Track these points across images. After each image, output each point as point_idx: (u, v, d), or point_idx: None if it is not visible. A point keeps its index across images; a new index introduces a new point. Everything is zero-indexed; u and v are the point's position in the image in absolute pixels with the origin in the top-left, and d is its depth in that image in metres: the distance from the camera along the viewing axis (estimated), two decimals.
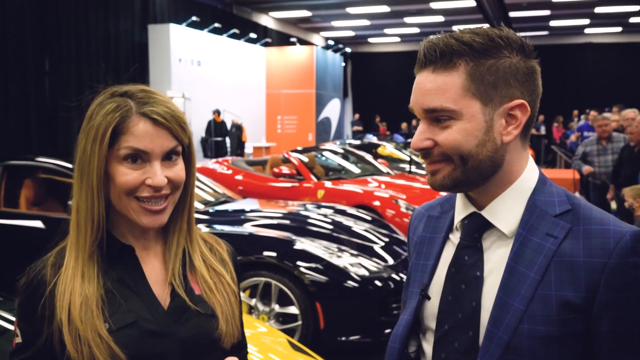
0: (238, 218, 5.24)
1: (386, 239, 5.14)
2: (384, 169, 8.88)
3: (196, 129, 14.91)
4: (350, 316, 4.34)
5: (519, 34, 1.17)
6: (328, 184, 7.78)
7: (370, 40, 27.35)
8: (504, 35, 1.14)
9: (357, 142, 12.53)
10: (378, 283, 4.36)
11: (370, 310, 4.33)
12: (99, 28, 13.08)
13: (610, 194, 7.05)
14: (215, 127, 15.24)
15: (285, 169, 8.00)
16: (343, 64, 24.64)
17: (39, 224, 5.00)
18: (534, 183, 1.19)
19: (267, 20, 21.30)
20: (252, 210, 5.55)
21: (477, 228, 1.20)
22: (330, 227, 5.14)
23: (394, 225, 6.19)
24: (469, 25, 1.19)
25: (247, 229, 4.95)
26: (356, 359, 4.52)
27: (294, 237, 4.66)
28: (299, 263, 4.36)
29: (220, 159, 9.40)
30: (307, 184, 7.84)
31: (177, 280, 1.29)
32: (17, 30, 10.83)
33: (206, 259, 1.36)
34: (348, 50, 26.14)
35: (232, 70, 17.20)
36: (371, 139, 16.48)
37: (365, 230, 5.23)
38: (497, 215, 1.18)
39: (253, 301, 4.44)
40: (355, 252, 4.65)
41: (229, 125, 15.76)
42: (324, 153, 9.42)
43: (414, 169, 9.89)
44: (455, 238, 1.25)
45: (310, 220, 5.28)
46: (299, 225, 5.14)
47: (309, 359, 2.97)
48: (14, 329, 1.26)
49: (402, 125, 23.28)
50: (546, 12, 20.07)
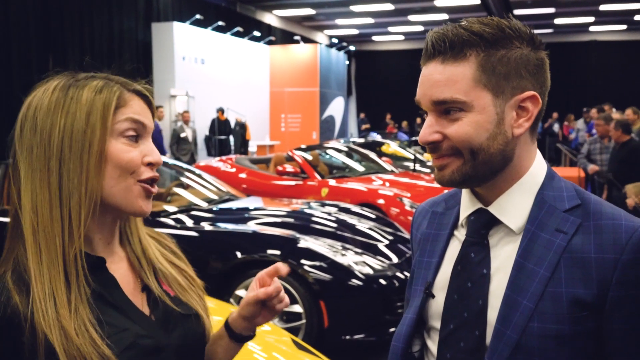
0: (242, 216, 5.22)
1: (390, 237, 5.11)
2: (388, 167, 8.86)
3: (200, 127, 14.90)
4: (355, 315, 4.32)
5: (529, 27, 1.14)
6: (332, 182, 7.76)
7: (374, 38, 27.33)
8: (513, 26, 1.11)
9: (361, 141, 12.51)
10: (382, 281, 4.34)
11: (374, 309, 4.30)
12: (103, 26, 13.10)
13: (627, 190, 7.02)
14: (219, 126, 15.23)
15: (289, 167, 7.99)
16: (347, 62, 24.61)
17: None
18: (542, 178, 1.15)
19: (271, 18, 21.29)
20: (256, 209, 5.53)
21: (484, 224, 1.17)
22: (334, 226, 5.11)
23: (399, 223, 6.17)
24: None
25: (251, 227, 4.93)
26: (360, 357, 4.51)
27: (298, 236, 4.64)
28: (303, 261, 4.34)
29: (224, 157, 9.40)
30: (311, 182, 7.82)
31: (153, 285, 1.19)
32: (21, 29, 10.85)
33: (165, 255, 1.27)
34: (352, 48, 26.16)
35: (236, 69, 17.19)
36: (375, 137, 16.46)
37: (370, 229, 5.21)
38: (505, 211, 1.14)
39: None
40: (359, 251, 4.62)
41: (232, 124, 15.75)
42: (328, 151, 9.40)
43: (418, 167, 9.87)
44: (460, 235, 1.22)
45: (314, 219, 5.26)
46: (303, 223, 5.13)
47: (313, 357, 2.94)
48: None
49: (403, 123, 23.26)
50: (551, 10, 20.02)
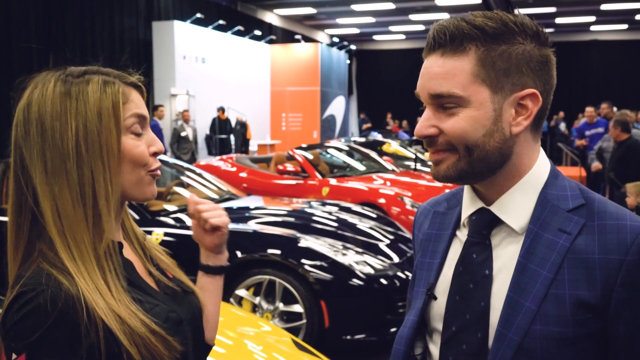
0: (242, 215, 5.20)
1: (391, 237, 5.10)
2: (389, 167, 8.85)
3: (200, 126, 14.88)
4: (356, 315, 4.30)
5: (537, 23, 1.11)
6: (333, 182, 7.74)
7: (375, 37, 27.31)
8: (518, 21, 1.08)
9: (362, 140, 12.50)
10: (383, 281, 4.32)
11: (375, 309, 4.29)
12: (104, 25, 13.09)
13: (628, 188, 7.01)
14: (220, 125, 15.22)
15: (289, 167, 7.98)
16: (348, 62, 24.60)
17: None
18: (545, 177, 1.13)
19: (272, 17, 21.28)
20: (257, 208, 5.51)
21: (486, 224, 1.14)
22: (335, 225, 5.10)
23: (400, 222, 6.15)
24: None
25: (252, 226, 4.91)
26: (361, 358, 4.49)
27: (299, 235, 4.62)
28: (303, 261, 4.32)
29: (224, 157, 9.39)
30: (312, 182, 7.80)
31: (154, 268, 1.28)
32: (22, 27, 10.85)
33: (148, 240, 1.34)
34: (353, 47, 26.14)
35: (237, 68, 17.18)
36: (376, 136, 16.45)
37: (371, 228, 5.19)
38: (507, 211, 1.12)
39: (257, 299, 4.41)
40: (360, 250, 4.61)
41: (233, 123, 15.74)
42: (329, 150, 9.39)
43: (419, 166, 9.86)
44: (462, 235, 1.20)
45: (314, 218, 5.24)
46: (304, 222, 5.11)
47: (313, 358, 2.93)
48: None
49: (404, 123, 23.23)
50: (552, 9, 20.00)
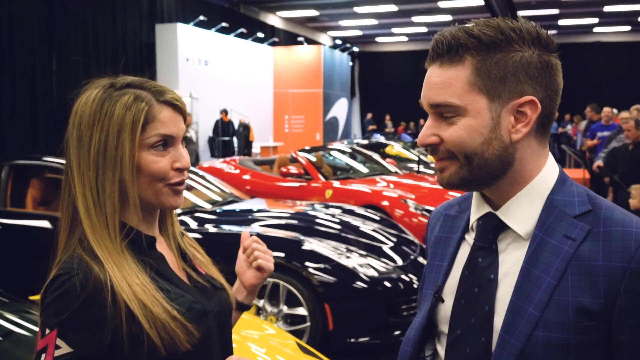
0: (245, 218, 5.21)
1: (395, 239, 5.09)
2: (392, 169, 8.84)
3: (203, 128, 14.90)
4: (359, 317, 4.30)
5: (542, 28, 1.10)
6: (336, 184, 7.74)
7: (377, 39, 27.30)
8: (517, 28, 1.08)
9: (365, 142, 12.49)
10: (387, 284, 4.32)
11: (379, 312, 4.28)
12: (107, 27, 13.11)
13: (610, 196, 6.97)
14: (223, 127, 15.24)
15: (293, 169, 7.97)
16: (350, 64, 24.61)
17: (45, 223, 4.98)
18: (552, 182, 1.13)
19: (275, 19, 21.29)
20: (260, 210, 5.52)
21: (492, 229, 1.15)
22: (339, 227, 5.10)
23: (403, 225, 6.15)
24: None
25: (255, 229, 4.92)
26: None
27: (302, 238, 4.62)
28: (307, 263, 4.32)
29: (227, 159, 9.39)
30: (315, 184, 7.80)
31: (187, 262, 1.39)
32: (25, 29, 10.86)
33: (187, 239, 1.46)
34: (355, 49, 26.13)
35: (240, 70, 17.19)
36: (379, 138, 16.44)
37: (374, 231, 5.19)
38: (512, 216, 1.12)
39: (261, 302, 4.41)
40: (364, 253, 4.61)
41: (236, 125, 15.76)
42: (332, 153, 9.38)
43: (422, 168, 9.85)
44: (470, 239, 1.21)
45: (318, 220, 5.24)
46: (307, 225, 5.11)
47: None
48: (50, 340, 1.13)
49: (411, 124, 23.24)
50: (555, 11, 19.98)
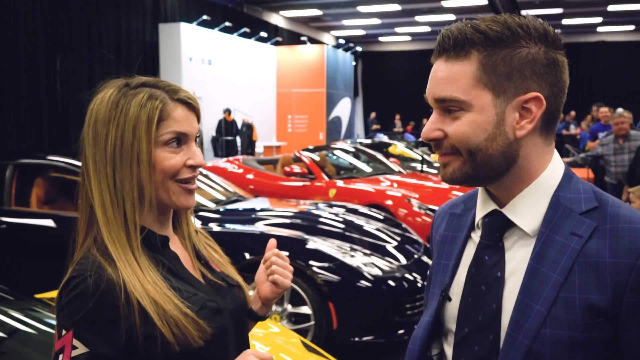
0: (249, 217, 5.21)
1: (399, 238, 5.10)
2: (396, 168, 8.84)
3: (207, 128, 14.92)
4: (364, 316, 4.30)
5: (549, 25, 1.11)
6: (340, 183, 7.74)
7: (381, 39, 27.30)
8: (524, 24, 1.08)
9: (369, 141, 12.50)
10: (391, 283, 4.32)
11: (383, 311, 4.29)
12: (110, 27, 13.13)
13: (624, 195, 6.96)
14: (226, 126, 15.25)
15: (296, 168, 7.97)
16: (354, 63, 24.60)
17: (50, 222, 4.99)
18: (558, 179, 1.13)
19: (278, 19, 21.30)
20: (263, 209, 5.52)
21: (498, 226, 1.15)
22: (342, 227, 5.10)
23: (407, 224, 6.15)
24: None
25: (259, 228, 4.93)
26: (369, 359, 4.49)
27: (306, 237, 4.63)
28: (311, 262, 4.33)
29: (231, 158, 9.39)
30: (319, 183, 7.81)
31: (202, 261, 1.40)
32: (29, 29, 10.89)
33: (203, 239, 1.48)
34: (359, 49, 26.13)
35: (243, 69, 17.20)
36: (382, 137, 16.44)
37: (378, 230, 5.19)
38: (519, 213, 1.12)
39: None
40: (368, 252, 4.61)
41: (239, 125, 15.77)
42: (335, 152, 9.38)
43: (425, 168, 9.85)
44: (476, 237, 1.20)
45: (321, 220, 5.24)
46: (311, 224, 5.11)
47: (322, 359, 2.94)
48: (67, 341, 1.15)
49: (408, 126, 23.22)
50: (558, 10, 19.95)
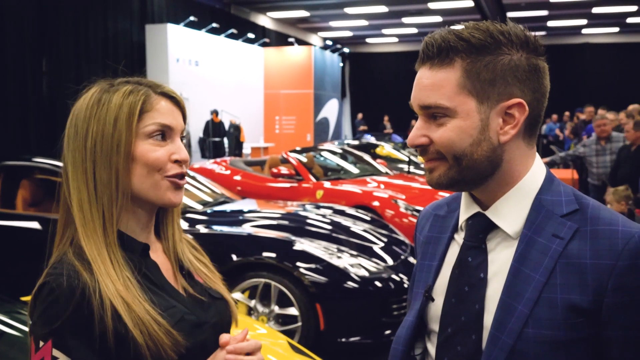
0: (237, 218, 5.21)
1: (385, 240, 5.12)
2: (383, 169, 8.87)
3: (194, 129, 14.88)
4: (351, 317, 4.32)
5: (530, 32, 1.13)
6: (327, 184, 7.75)
7: (368, 40, 27.34)
8: (505, 31, 1.10)
9: (356, 143, 12.52)
10: (378, 284, 4.34)
11: (370, 311, 4.31)
12: (97, 28, 13.07)
13: (607, 196, 7.02)
14: (213, 128, 15.22)
15: (284, 169, 7.98)
16: (341, 64, 24.63)
17: (35, 225, 4.97)
18: (540, 182, 1.15)
19: (265, 20, 21.29)
20: (251, 211, 5.52)
21: (482, 228, 1.17)
22: (330, 228, 5.11)
23: (394, 225, 6.17)
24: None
25: (246, 229, 4.93)
26: None
27: (294, 238, 4.63)
28: (298, 264, 4.34)
29: (218, 160, 9.37)
30: (306, 184, 7.81)
31: (184, 272, 1.33)
32: (16, 31, 10.82)
33: (190, 250, 1.40)
34: (346, 50, 26.14)
35: (230, 71, 17.18)
36: (369, 139, 16.47)
37: (365, 231, 5.21)
38: (501, 216, 1.15)
39: (252, 302, 4.42)
40: (354, 253, 4.62)
41: (227, 126, 15.74)
42: (323, 153, 9.39)
43: (412, 169, 9.88)
44: (460, 238, 1.22)
45: (309, 221, 5.25)
46: (298, 225, 5.12)
47: None
48: (46, 352, 1.10)
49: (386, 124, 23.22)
50: (544, 13, 20.10)
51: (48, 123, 11.58)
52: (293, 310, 4.30)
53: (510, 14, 19.79)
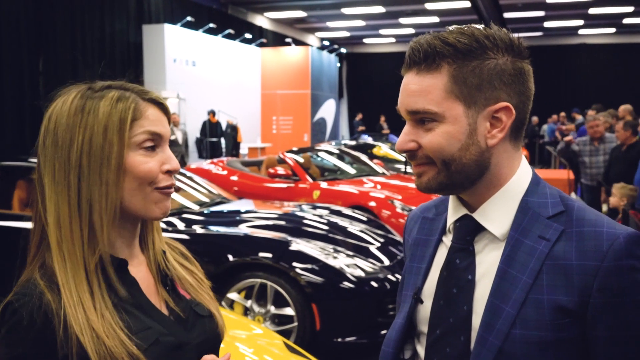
0: (233, 219, 5.22)
1: (382, 240, 5.13)
2: (380, 170, 8.88)
3: (191, 129, 14.87)
4: (347, 317, 4.33)
5: (514, 35, 1.14)
6: (324, 185, 7.77)
7: (365, 40, 27.34)
8: (490, 35, 1.11)
9: (353, 143, 12.53)
10: (374, 284, 4.36)
11: (366, 312, 4.32)
12: (94, 28, 13.05)
13: (602, 196, 7.06)
14: (210, 128, 15.22)
15: (280, 170, 7.99)
16: (338, 65, 24.63)
17: (32, 225, 4.96)
18: (526, 184, 1.17)
19: (262, 20, 21.28)
20: (248, 211, 5.54)
21: (469, 231, 1.18)
22: (326, 228, 5.13)
23: (390, 225, 6.18)
24: (462, 25, 1.16)
25: (243, 229, 4.94)
26: None
27: (290, 238, 4.65)
28: (294, 264, 4.35)
29: (215, 160, 9.38)
30: (303, 185, 7.83)
31: (168, 287, 1.25)
32: (12, 31, 10.80)
33: (177, 259, 1.32)
34: (343, 50, 26.14)
35: (227, 71, 17.16)
36: (366, 139, 16.48)
37: (361, 231, 5.23)
38: (489, 218, 1.16)
39: (249, 302, 4.43)
40: (351, 253, 4.64)
41: (224, 126, 15.74)
42: (320, 153, 9.41)
43: (409, 169, 9.89)
44: (448, 240, 1.24)
45: (305, 221, 5.27)
46: (295, 226, 5.14)
47: None
48: None
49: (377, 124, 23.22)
50: (541, 13, 20.11)
51: None
52: (289, 311, 4.32)
53: (507, 15, 19.81)
